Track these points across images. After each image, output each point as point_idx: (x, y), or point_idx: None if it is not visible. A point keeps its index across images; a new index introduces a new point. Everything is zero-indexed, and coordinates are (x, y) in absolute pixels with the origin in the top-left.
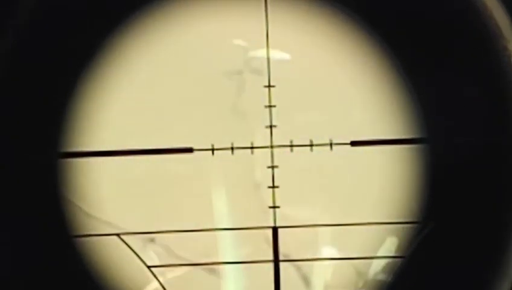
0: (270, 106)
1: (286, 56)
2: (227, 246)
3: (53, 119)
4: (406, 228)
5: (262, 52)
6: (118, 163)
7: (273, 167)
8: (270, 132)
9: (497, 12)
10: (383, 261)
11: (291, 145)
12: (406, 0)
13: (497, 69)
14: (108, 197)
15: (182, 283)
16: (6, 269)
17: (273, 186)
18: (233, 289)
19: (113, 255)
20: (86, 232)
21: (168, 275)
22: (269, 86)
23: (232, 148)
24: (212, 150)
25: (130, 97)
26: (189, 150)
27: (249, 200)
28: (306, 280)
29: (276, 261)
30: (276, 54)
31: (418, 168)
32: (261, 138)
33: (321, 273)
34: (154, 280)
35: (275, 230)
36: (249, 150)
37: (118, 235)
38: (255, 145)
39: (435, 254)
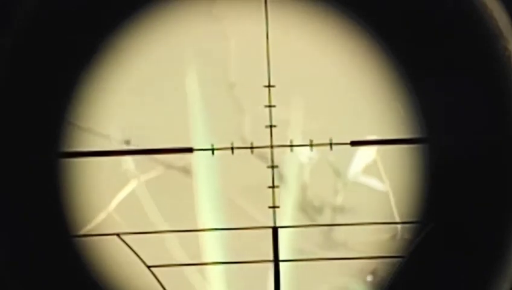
0: (270, 106)
1: None
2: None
3: (53, 119)
4: (406, 228)
5: None
6: (117, 163)
7: (273, 167)
8: (270, 132)
9: (497, 12)
10: (362, 163)
11: (291, 145)
12: (405, 0)
13: (497, 69)
14: (108, 197)
15: (157, 183)
16: (6, 269)
17: (273, 186)
18: (206, 190)
19: (113, 255)
20: (86, 232)
21: (142, 178)
22: (269, 86)
23: (232, 148)
24: (212, 150)
25: (130, 97)
26: (189, 150)
27: (249, 200)
28: (282, 179)
29: (276, 261)
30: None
31: (418, 168)
32: (261, 138)
33: (298, 172)
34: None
35: (274, 230)
36: (249, 150)
37: (118, 235)
38: (255, 145)
39: (435, 254)
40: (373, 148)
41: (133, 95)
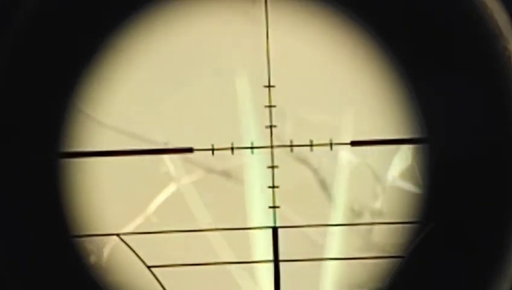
0: (270, 106)
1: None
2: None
3: (53, 119)
4: (406, 228)
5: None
6: (118, 163)
7: (273, 167)
8: (270, 132)
9: (497, 12)
10: (400, 166)
11: (291, 145)
12: (405, 0)
13: (497, 69)
14: (108, 197)
15: (198, 188)
16: (6, 269)
17: (273, 186)
18: (257, 193)
19: (113, 255)
20: (86, 232)
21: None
22: (269, 86)
23: (232, 148)
24: (212, 150)
25: (130, 97)
26: (189, 150)
27: (249, 200)
28: (323, 184)
29: (276, 261)
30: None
31: (418, 168)
32: (261, 138)
33: (339, 177)
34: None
35: (274, 230)
36: (249, 150)
37: (118, 235)
38: (255, 145)
39: (435, 254)
40: (409, 151)
41: (132, 96)
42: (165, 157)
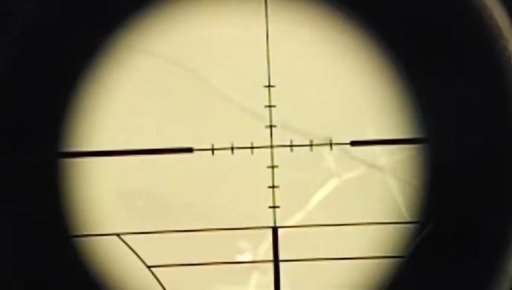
0: (270, 106)
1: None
2: None
3: (53, 119)
4: (406, 228)
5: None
6: (117, 163)
7: (273, 167)
8: (270, 132)
9: (497, 12)
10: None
11: (291, 145)
12: (406, 0)
13: (497, 69)
14: (108, 197)
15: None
16: (6, 269)
17: (273, 186)
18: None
19: (113, 255)
20: (85, 232)
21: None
22: (269, 86)
23: (232, 148)
24: (212, 150)
25: (130, 97)
26: (189, 150)
27: (249, 200)
28: None
29: (276, 261)
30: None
31: (418, 168)
32: (261, 138)
33: None
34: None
35: (274, 230)
36: (249, 150)
37: (118, 235)
38: (255, 145)
39: (435, 254)
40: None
41: (132, 95)
42: (325, 152)
